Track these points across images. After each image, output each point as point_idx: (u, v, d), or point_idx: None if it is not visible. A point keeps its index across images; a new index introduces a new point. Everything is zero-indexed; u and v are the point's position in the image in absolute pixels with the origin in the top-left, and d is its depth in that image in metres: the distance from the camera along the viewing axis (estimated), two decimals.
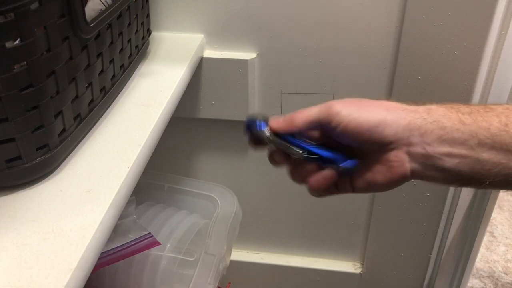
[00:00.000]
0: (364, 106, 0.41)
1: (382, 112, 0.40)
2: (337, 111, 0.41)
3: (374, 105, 0.41)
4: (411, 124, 0.39)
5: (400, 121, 0.40)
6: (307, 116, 0.43)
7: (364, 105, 0.41)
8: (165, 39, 0.74)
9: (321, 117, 0.42)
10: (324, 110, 0.42)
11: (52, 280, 0.34)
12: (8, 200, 0.41)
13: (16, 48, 0.37)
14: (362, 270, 0.98)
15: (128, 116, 0.54)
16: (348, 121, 0.40)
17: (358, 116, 0.40)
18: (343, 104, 0.41)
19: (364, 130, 0.40)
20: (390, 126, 0.40)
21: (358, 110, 0.41)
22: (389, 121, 0.40)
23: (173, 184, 0.84)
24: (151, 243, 0.65)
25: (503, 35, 0.67)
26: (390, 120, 0.40)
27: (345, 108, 0.41)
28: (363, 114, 0.40)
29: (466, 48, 0.68)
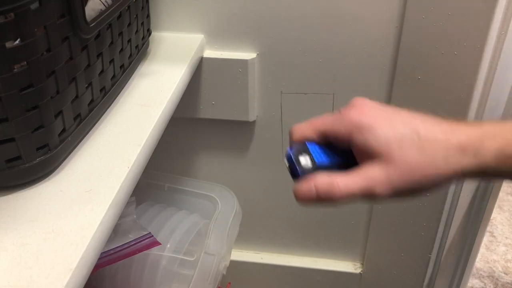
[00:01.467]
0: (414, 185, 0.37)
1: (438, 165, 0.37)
2: (385, 199, 0.37)
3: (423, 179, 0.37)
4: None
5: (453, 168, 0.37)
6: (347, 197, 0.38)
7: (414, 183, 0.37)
8: (165, 39, 0.74)
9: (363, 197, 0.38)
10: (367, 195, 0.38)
11: (52, 280, 0.34)
12: (8, 200, 0.41)
13: (16, 48, 0.37)
14: (362, 270, 0.98)
15: (128, 116, 0.54)
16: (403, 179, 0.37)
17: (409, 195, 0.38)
18: (390, 187, 0.37)
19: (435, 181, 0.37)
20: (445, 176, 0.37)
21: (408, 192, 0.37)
22: (443, 174, 0.37)
23: (173, 184, 0.84)
24: (151, 243, 0.65)
25: (503, 35, 0.67)
26: (444, 172, 0.37)
27: (393, 193, 0.37)
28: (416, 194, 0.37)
29: (466, 48, 0.68)
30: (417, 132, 0.37)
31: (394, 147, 0.37)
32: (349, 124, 0.39)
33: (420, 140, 0.37)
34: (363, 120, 0.38)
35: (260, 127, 0.84)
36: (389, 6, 0.69)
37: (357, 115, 0.39)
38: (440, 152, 0.37)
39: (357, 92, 0.77)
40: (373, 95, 0.77)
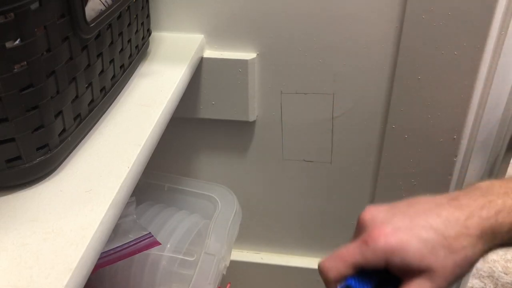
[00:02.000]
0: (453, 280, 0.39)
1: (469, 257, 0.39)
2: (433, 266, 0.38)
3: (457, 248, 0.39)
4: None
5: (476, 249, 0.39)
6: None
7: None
8: (165, 39, 0.74)
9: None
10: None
11: (52, 280, 0.34)
12: (8, 200, 0.41)
13: (16, 48, 0.37)
14: None
15: (128, 116, 0.54)
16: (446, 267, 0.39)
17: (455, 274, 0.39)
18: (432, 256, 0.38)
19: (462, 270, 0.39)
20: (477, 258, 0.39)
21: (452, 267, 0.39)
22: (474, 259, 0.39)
23: (173, 184, 0.84)
24: (151, 243, 0.65)
25: (503, 35, 0.67)
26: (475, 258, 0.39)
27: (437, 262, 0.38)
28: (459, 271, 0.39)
29: (466, 48, 0.68)
30: (441, 233, 0.39)
31: (431, 258, 0.38)
32: (380, 253, 0.39)
33: (447, 241, 0.39)
34: (392, 243, 0.39)
35: (260, 127, 0.84)
36: (389, 6, 0.69)
37: (383, 240, 0.40)
38: (467, 245, 0.39)
39: (357, 92, 0.77)
40: (373, 95, 0.77)
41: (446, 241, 0.39)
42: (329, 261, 0.44)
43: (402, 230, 0.39)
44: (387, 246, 0.39)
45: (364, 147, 0.83)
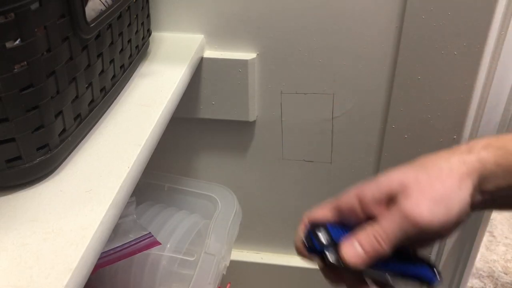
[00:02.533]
0: (441, 198, 0.37)
1: (459, 196, 0.37)
2: (427, 225, 0.36)
3: (446, 189, 0.37)
4: (474, 186, 0.38)
5: (470, 191, 0.37)
6: (392, 242, 0.37)
7: (439, 195, 0.37)
8: (165, 39, 0.74)
9: (409, 235, 0.37)
10: (410, 227, 0.36)
11: (52, 280, 0.34)
12: (8, 200, 0.41)
13: (16, 48, 0.37)
14: None
15: (128, 116, 0.54)
16: (440, 226, 0.37)
17: (447, 216, 0.37)
18: (424, 208, 0.36)
19: (454, 225, 0.38)
20: (468, 202, 0.37)
21: (442, 208, 0.36)
22: (467, 200, 0.37)
23: (173, 184, 0.84)
24: (151, 243, 0.65)
25: (503, 35, 0.67)
26: (465, 198, 0.37)
27: (430, 215, 0.36)
28: (449, 211, 0.37)
29: (466, 48, 0.68)
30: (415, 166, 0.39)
31: (405, 177, 0.38)
32: (352, 191, 0.40)
33: (421, 165, 0.39)
34: (363, 184, 0.40)
35: (260, 127, 0.84)
36: (389, 6, 0.69)
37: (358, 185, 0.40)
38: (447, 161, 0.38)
39: (357, 92, 0.77)
40: (373, 95, 0.77)
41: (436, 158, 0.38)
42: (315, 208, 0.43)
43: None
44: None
45: (364, 147, 0.83)
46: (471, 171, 0.37)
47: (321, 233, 0.40)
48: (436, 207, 0.36)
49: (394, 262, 0.38)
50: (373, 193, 0.39)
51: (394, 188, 0.38)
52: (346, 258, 0.37)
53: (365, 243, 0.37)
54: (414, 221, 0.36)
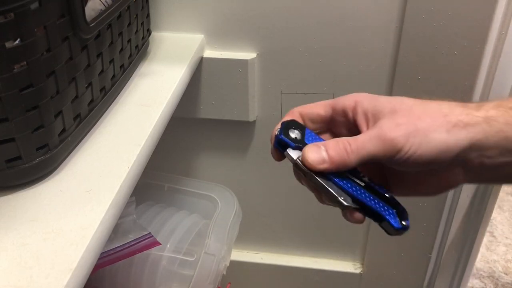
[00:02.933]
0: (422, 129, 0.35)
1: (443, 136, 0.35)
2: (399, 147, 0.35)
3: (433, 125, 0.35)
4: (473, 142, 0.35)
5: (460, 143, 0.35)
6: (360, 155, 0.36)
7: (422, 126, 0.35)
8: (165, 39, 0.74)
9: (378, 153, 0.36)
10: (381, 145, 0.35)
11: (52, 280, 0.34)
12: (8, 200, 0.41)
13: (16, 48, 0.37)
14: (362, 270, 0.98)
15: (128, 116, 0.54)
16: (410, 155, 0.35)
17: (420, 148, 0.35)
18: (401, 132, 0.35)
19: (425, 162, 0.36)
20: (452, 151, 0.35)
21: (419, 137, 0.35)
22: (451, 147, 0.35)
23: (173, 184, 0.84)
24: (151, 243, 0.65)
25: (503, 35, 0.67)
26: (451, 145, 0.35)
27: (405, 139, 0.35)
28: (425, 145, 0.35)
29: (466, 48, 0.68)
30: (417, 99, 0.38)
31: (398, 102, 0.37)
32: (354, 95, 0.39)
33: (421, 100, 0.37)
34: (368, 94, 0.39)
35: (260, 127, 0.84)
36: (389, 6, 0.69)
37: (362, 93, 0.39)
38: (443, 105, 0.37)
39: (357, 92, 0.77)
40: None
41: (423, 101, 0.37)
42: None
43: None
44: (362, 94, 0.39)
45: None
46: (472, 124, 0.35)
47: (294, 131, 0.39)
48: (413, 136, 0.35)
49: (362, 192, 0.38)
50: (368, 106, 0.38)
51: (386, 111, 0.37)
52: (307, 158, 0.36)
53: (331, 149, 0.36)
54: (385, 140, 0.35)
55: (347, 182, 0.37)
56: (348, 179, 0.38)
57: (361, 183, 0.38)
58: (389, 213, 0.38)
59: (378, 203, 0.38)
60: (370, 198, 0.38)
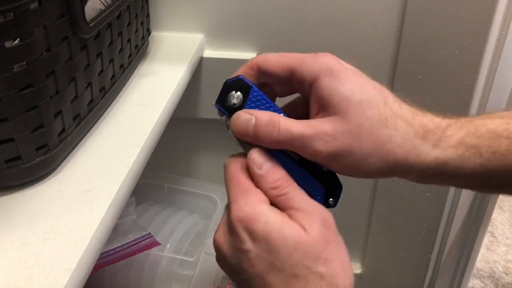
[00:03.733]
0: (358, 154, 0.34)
1: (378, 164, 0.34)
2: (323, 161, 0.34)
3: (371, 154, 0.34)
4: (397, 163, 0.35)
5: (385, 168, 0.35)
6: (286, 143, 0.35)
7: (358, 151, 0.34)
8: (165, 39, 0.74)
9: (301, 152, 0.35)
10: (307, 151, 0.34)
11: (52, 280, 0.34)
12: (8, 200, 0.41)
13: (15, 48, 0.37)
14: (362, 270, 0.98)
15: (128, 116, 0.54)
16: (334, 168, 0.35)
17: (347, 168, 0.35)
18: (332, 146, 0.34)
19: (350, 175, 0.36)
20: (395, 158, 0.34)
21: (349, 161, 0.34)
22: (384, 173, 0.35)
23: (173, 184, 0.84)
24: (151, 243, 0.65)
25: (503, 35, 0.67)
26: (385, 171, 0.35)
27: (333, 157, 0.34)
28: (355, 168, 0.35)
29: (466, 48, 0.68)
30: (385, 99, 0.34)
31: (355, 104, 0.34)
32: (321, 66, 0.35)
33: (385, 108, 0.34)
34: (338, 68, 0.35)
35: None
36: (389, 6, 0.69)
37: (334, 61, 0.36)
38: (400, 128, 0.34)
39: None
40: None
41: (384, 109, 0.34)
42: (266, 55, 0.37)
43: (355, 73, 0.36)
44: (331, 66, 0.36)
45: None
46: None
47: (235, 95, 0.37)
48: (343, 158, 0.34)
49: (291, 166, 0.36)
50: (324, 91, 0.35)
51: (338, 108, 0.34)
52: (232, 126, 0.35)
53: (260, 125, 0.34)
54: (313, 152, 0.34)
55: (277, 154, 0.36)
56: (280, 151, 0.36)
57: (294, 156, 0.36)
58: (315, 189, 0.37)
59: (305, 179, 0.36)
60: (296, 172, 0.36)
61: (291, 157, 0.36)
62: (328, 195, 0.38)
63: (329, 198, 0.38)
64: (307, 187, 0.37)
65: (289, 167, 0.36)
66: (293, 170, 0.36)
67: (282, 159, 0.36)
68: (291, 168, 0.36)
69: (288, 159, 0.36)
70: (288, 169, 0.36)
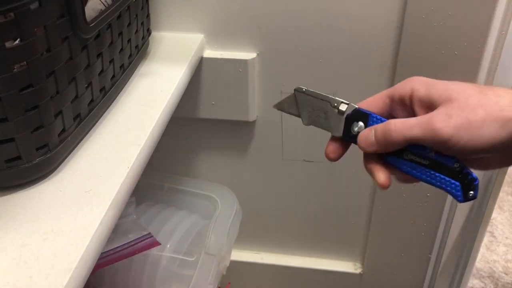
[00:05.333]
0: (475, 123, 0.35)
1: (496, 131, 0.35)
2: (446, 138, 0.36)
3: (487, 119, 0.35)
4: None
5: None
6: (405, 136, 0.38)
7: (474, 120, 0.35)
8: (165, 39, 0.74)
9: (423, 139, 0.37)
10: (427, 133, 0.37)
11: (52, 280, 0.34)
12: (8, 200, 0.41)
13: (16, 48, 0.37)
14: (362, 270, 0.98)
15: (128, 116, 0.54)
16: (459, 147, 0.36)
17: (470, 142, 0.36)
18: (451, 123, 0.36)
19: (476, 152, 0.36)
20: (505, 144, 0.36)
21: (470, 131, 0.35)
22: (504, 141, 0.35)
23: (173, 184, 0.84)
24: (151, 243, 0.65)
25: (503, 35, 0.67)
26: (504, 139, 0.35)
27: (454, 131, 0.36)
28: (476, 139, 0.35)
29: (466, 48, 0.68)
30: (477, 86, 0.38)
31: (455, 91, 0.37)
32: (412, 81, 0.39)
33: (480, 88, 0.37)
34: (426, 78, 0.39)
35: (260, 127, 0.84)
36: (389, 6, 0.69)
37: (420, 77, 0.40)
38: (503, 94, 0.36)
39: (357, 92, 0.77)
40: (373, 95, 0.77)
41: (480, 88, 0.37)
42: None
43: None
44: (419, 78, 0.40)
45: None
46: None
47: (357, 124, 0.42)
48: (463, 129, 0.35)
49: (420, 170, 0.39)
50: (423, 94, 0.39)
51: (441, 100, 0.37)
52: (358, 142, 0.41)
53: (379, 130, 0.39)
54: (433, 129, 0.36)
55: (404, 162, 0.40)
56: (406, 159, 0.40)
57: (424, 161, 0.39)
58: (452, 187, 0.39)
59: (440, 179, 0.39)
60: (430, 176, 0.39)
61: (421, 163, 0.40)
62: (466, 189, 0.39)
63: (469, 192, 0.39)
64: (444, 186, 0.39)
65: (422, 172, 0.40)
66: (427, 174, 0.40)
67: (415, 167, 0.40)
68: (424, 172, 0.40)
69: (419, 166, 0.40)
70: (422, 174, 0.40)
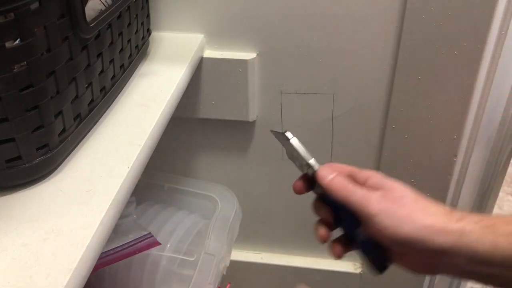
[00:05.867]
0: (401, 214, 0.41)
1: (416, 229, 0.40)
2: (372, 214, 0.41)
3: (412, 215, 0.41)
4: (442, 248, 0.39)
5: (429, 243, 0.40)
6: (346, 197, 0.44)
7: (401, 212, 0.41)
8: (165, 39, 0.74)
9: (355, 206, 0.43)
10: (359, 202, 0.43)
11: (52, 280, 0.34)
12: (8, 200, 0.41)
13: (16, 48, 0.37)
14: (362, 270, 0.98)
15: (128, 116, 0.54)
16: (381, 228, 0.41)
17: (391, 226, 0.41)
18: (380, 205, 0.41)
19: (396, 242, 0.41)
20: (418, 245, 0.40)
21: (392, 217, 0.41)
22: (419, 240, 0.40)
23: (173, 184, 0.84)
24: (151, 243, 0.65)
25: (503, 35, 0.67)
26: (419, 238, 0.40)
27: (379, 211, 0.41)
28: (398, 228, 0.40)
29: (466, 48, 0.68)
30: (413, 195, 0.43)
31: (397, 186, 0.43)
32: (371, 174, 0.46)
33: (420, 196, 0.42)
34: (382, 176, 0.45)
35: (260, 127, 0.84)
36: (389, 6, 0.69)
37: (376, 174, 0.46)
38: (434, 206, 0.41)
39: (357, 92, 0.77)
40: (373, 95, 0.77)
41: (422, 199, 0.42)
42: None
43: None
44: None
45: (364, 147, 0.83)
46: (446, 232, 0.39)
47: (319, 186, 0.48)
48: (386, 214, 0.41)
49: (354, 226, 0.44)
50: (376, 180, 0.45)
51: (386, 187, 0.43)
52: (319, 172, 0.46)
53: (338, 177, 0.45)
54: (365, 205, 0.42)
55: (348, 214, 0.44)
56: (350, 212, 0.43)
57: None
58: (372, 252, 0.46)
59: (370, 249, 0.46)
60: (366, 243, 0.45)
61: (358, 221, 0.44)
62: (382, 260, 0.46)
63: (384, 262, 0.47)
64: (363, 249, 0.47)
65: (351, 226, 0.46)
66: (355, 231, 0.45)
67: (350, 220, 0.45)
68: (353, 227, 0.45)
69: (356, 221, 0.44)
70: (348, 228, 0.48)
